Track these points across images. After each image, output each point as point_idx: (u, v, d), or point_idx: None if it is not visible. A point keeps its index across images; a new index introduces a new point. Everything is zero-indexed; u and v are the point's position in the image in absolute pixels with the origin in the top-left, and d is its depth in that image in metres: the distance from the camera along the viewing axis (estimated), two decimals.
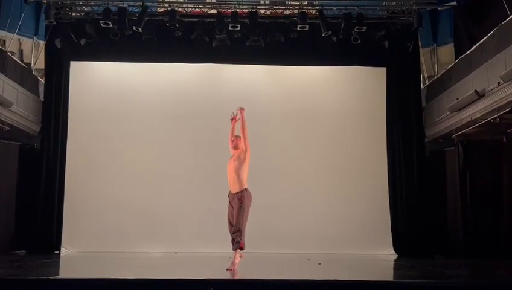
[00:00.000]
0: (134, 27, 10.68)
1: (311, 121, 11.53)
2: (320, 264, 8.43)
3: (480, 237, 10.27)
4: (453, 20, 11.94)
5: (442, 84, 11.11)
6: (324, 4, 11.35)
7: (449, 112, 10.43)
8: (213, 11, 11.15)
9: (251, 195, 7.14)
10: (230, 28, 10.75)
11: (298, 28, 10.86)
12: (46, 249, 10.55)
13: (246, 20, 10.88)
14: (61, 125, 11.28)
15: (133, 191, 11.04)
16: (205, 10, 11.25)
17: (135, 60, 11.52)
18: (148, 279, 5.82)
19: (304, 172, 11.30)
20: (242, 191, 7.05)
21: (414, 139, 11.49)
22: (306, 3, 11.55)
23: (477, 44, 9.67)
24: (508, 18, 8.67)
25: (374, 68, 11.77)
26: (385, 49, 11.19)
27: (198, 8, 11.24)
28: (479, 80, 9.37)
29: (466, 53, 10.13)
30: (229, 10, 10.94)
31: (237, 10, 10.90)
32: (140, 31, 10.76)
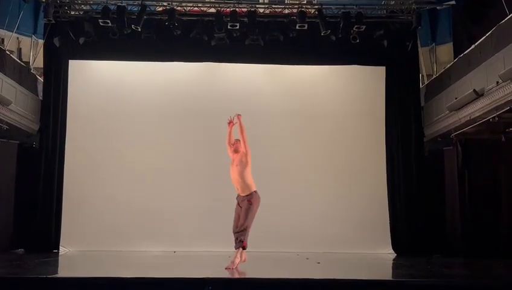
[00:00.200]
0: (133, 26, 10.66)
1: (309, 120, 11.52)
2: (319, 263, 8.45)
3: (478, 236, 10.26)
4: (452, 19, 11.95)
5: (441, 83, 11.12)
6: (323, 3, 11.36)
7: (448, 111, 10.44)
8: (212, 10, 11.14)
9: (259, 197, 7.22)
10: (229, 27, 10.75)
11: (297, 27, 10.86)
12: (45, 248, 10.54)
13: (245, 19, 10.87)
14: (59, 124, 11.27)
15: (132, 190, 11.04)
16: (204, 9, 11.24)
17: (134, 59, 11.51)
18: (146, 278, 5.82)
19: (303, 171, 11.29)
20: (252, 193, 7.17)
21: (413, 138, 11.49)
22: (305, 2, 11.56)
23: (476, 43, 9.67)
24: (507, 17, 8.66)
25: (373, 67, 11.77)
26: (384, 48, 11.19)
27: (197, 7, 11.23)
28: (478, 79, 9.37)
29: (465, 52, 10.14)
30: (228, 9, 10.93)
31: (236, 9, 10.90)
32: (139, 30, 10.74)
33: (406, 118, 11.54)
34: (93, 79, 11.60)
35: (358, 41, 10.89)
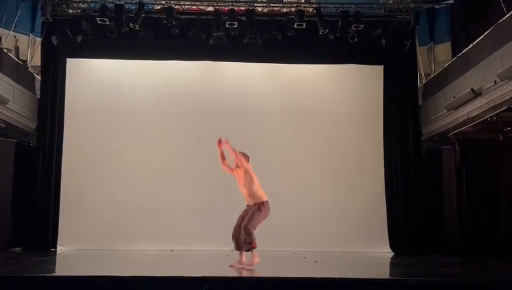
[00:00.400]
0: (131, 24, 10.64)
1: (307, 119, 11.51)
2: (316, 262, 8.45)
3: (476, 235, 10.28)
4: (450, 18, 11.95)
5: (439, 82, 11.12)
6: (321, 2, 11.35)
7: (446, 110, 10.44)
8: (210, 9, 11.15)
9: (269, 209, 7.17)
10: (227, 26, 10.73)
11: (295, 26, 10.85)
12: (42, 246, 10.53)
13: (243, 17, 10.85)
14: (57, 122, 11.25)
15: (130, 189, 11.02)
16: (202, 7, 11.23)
17: (132, 58, 11.49)
18: (144, 277, 5.82)
19: (300, 170, 11.28)
20: (263, 202, 7.12)
21: (411, 137, 11.50)
22: (303, 1, 11.57)
23: (474, 42, 9.68)
24: (505, 16, 8.67)
25: (371, 66, 11.76)
26: (382, 47, 11.19)
27: (195, 6, 11.22)
28: (476, 79, 9.38)
29: (463, 51, 10.14)
30: (226, 8, 10.92)
31: (234, 8, 10.89)
32: (137, 28, 10.72)
33: (404, 117, 11.55)
34: (90, 77, 11.58)
35: (356, 40, 10.90)
